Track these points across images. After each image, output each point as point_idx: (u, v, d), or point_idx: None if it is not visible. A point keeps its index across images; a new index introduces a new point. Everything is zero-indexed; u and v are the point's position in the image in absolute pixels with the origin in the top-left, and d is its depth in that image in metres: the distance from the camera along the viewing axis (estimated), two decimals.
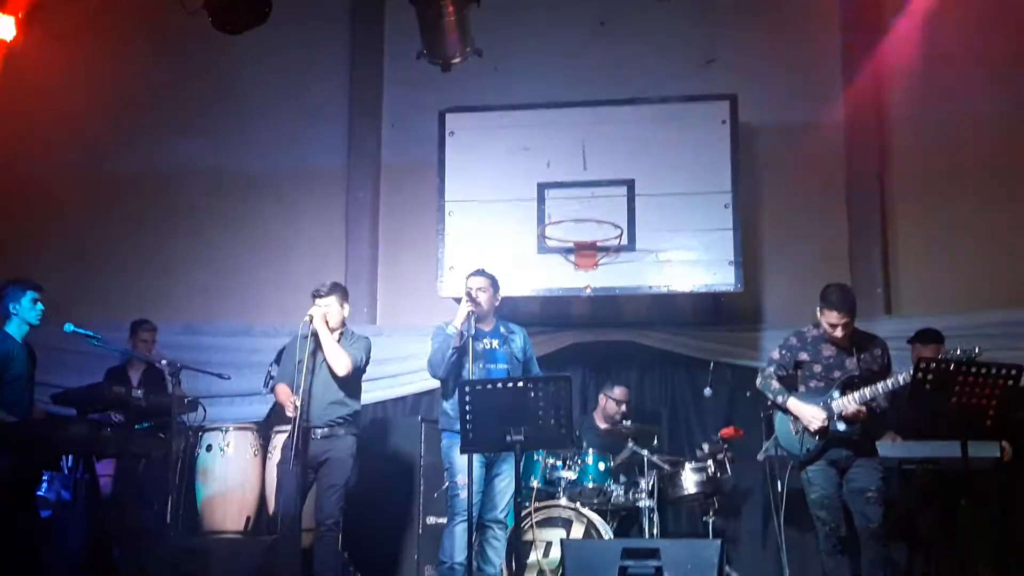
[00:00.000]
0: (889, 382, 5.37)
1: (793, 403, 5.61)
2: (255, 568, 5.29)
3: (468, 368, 5.59)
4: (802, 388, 5.68)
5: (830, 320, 5.52)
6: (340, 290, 6.20)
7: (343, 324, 6.19)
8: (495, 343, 5.82)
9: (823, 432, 5.48)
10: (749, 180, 7.38)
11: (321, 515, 5.89)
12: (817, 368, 5.64)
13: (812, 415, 5.50)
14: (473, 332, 5.63)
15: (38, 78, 8.42)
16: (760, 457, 6.31)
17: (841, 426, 5.46)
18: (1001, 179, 7.54)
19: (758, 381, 5.81)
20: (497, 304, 5.96)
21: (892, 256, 7.66)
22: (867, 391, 5.40)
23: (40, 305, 6.10)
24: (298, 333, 6.02)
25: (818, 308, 5.59)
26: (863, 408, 5.40)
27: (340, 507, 5.90)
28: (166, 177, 8.50)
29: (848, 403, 5.44)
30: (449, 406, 5.79)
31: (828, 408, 5.49)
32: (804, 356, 5.69)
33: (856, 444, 5.51)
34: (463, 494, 5.55)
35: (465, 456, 5.51)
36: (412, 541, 6.85)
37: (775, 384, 5.71)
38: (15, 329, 6.09)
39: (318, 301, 6.05)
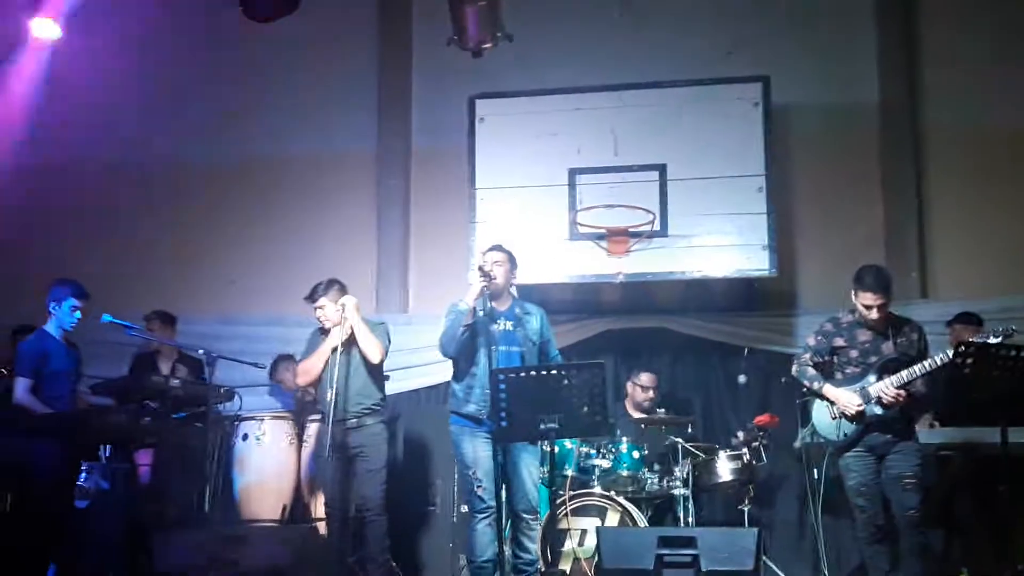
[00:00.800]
0: (927, 363, 5.31)
1: (829, 389, 5.56)
2: (293, 556, 5.30)
3: (481, 350, 5.50)
4: (838, 375, 5.63)
5: (865, 302, 5.46)
6: (337, 286, 6.18)
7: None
8: (509, 324, 5.69)
9: (859, 417, 5.43)
10: (782, 163, 7.32)
11: (366, 502, 5.98)
12: (853, 353, 5.59)
13: (848, 400, 5.46)
14: (487, 309, 5.51)
15: (70, 71, 8.48)
16: (797, 444, 6.28)
17: (878, 410, 5.41)
18: None
19: (793, 368, 5.77)
20: (514, 281, 5.84)
21: (928, 239, 7.58)
22: (904, 374, 5.35)
23: (79, 314, 6.19)
24: (318, 325, 6.07)
25: (852, 291, 5.54)
26: (901, 392, 5.34)
27: (383, 491, 5.99)
28: (197, 167, 8.53)
29: (885, 387, 5.38)
30: (459, 387, 5.70)
31: (865, 393, 5.44)
32: (840, 341, 5.63)
33: (895, 429, 5.45)
34: (479, 489, 5.50)
35: (474, 446, 5.54)
36: (447, 531, 6.87)
37: (810, 371, 5.66)
38: (53, 328, 6.18)
39: (325, 299, 6.04)
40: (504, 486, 5.57)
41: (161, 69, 8.57)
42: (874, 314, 5.46)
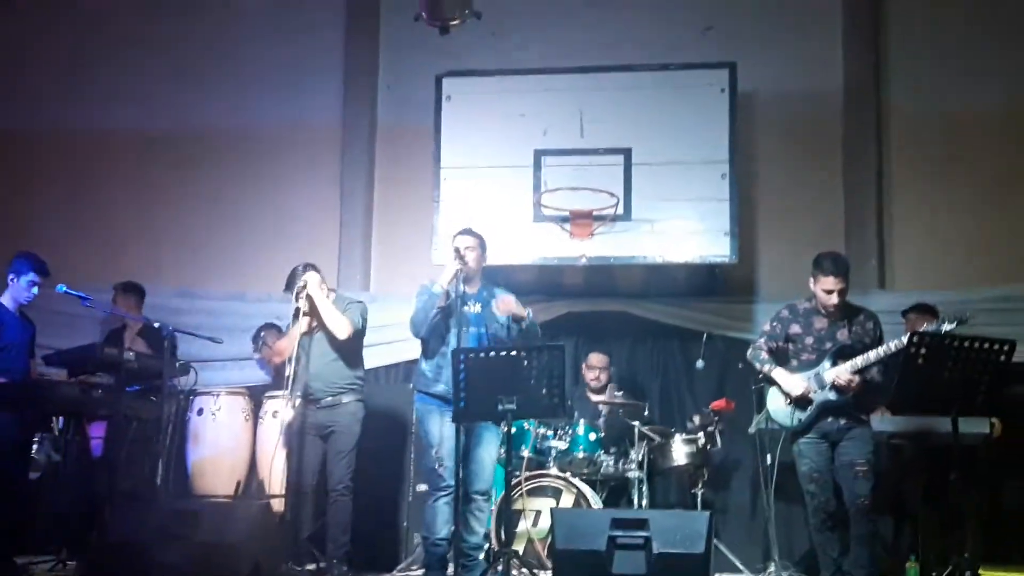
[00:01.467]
0: (881, 350, 5.36)
1: (778, 372, 5.61)
2: (246, 531, 5.27)
3: (452, 331, 5.51)
4: (794, 361, 5.67)
5: (824, 286, 5.49)
6: (313, 267, 6.20)
7: (332, 292, 6.22)
8: (478, 307, 5.72)
9: (805, 401, 5.47)
10: (746, 150, 7.35)
11: (333, 481, 6.05)
12: (809, 340, 5.63)
13: (794, 383, 5.51)
14: (460, 292, 5.52)
15: (28, 32, 8.36)
16: (752, 430, 6.32)
17: (832, 396, 5.45)
18: (1000, 154, 7.51)
19: (748, 353, 5.82)
20: (484, 265, 5.85)
21: (888, 229, 7.62)
22: (859, 360, 5.40)
23: (36, 290, 6.14)
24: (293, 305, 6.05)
25: (811, 277, 5.57)
26: (854, 377, 5.39)
27: (351, 471, 6.06)
28: (160, 136, 8.41)
29: (840, 372, 5.42)
30: (428, 367, 5.72)
31: (819, 379, 5.48)
32: (796, 328, 5.67)
33: (849, 415, 5.50)
34: (440, 468, 5.53)
35: (440, 426, 5.54)
36: (403, 509, 6.87)
37: (764, 355, 5.70)
38: (8, 299, 6.12)
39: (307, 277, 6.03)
40: (462, 466, 5.58)
41: (125, 37, 8.46)
42: (833, 299, 5.49)
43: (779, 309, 5.81)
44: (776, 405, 5.67)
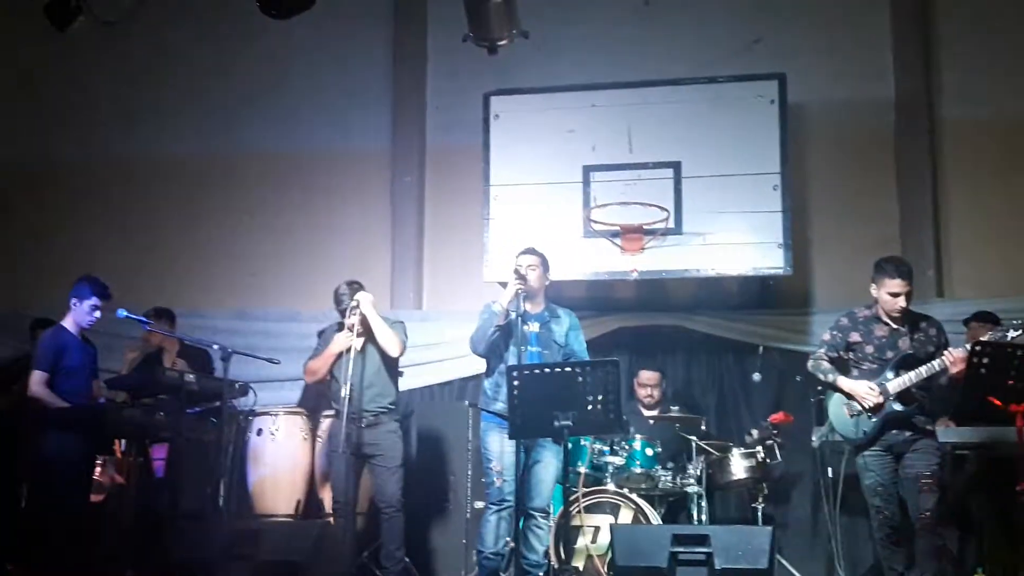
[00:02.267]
0: (945, 358, 5.25)
1: (844, 381, 5.53)
2: (307, 550, 5.32)
3: (511, 349, 5.56)
4: (855, 371, 5.59)
5: (890, 289, 5.42)
6: (355, 286, 6.23)
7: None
8: (537, 326, 5.77)
9: (878, 408, 5.39)
10: (798, 161, 7.30)
11: (384, 498, 6.11)
12: (869, 349, 5.55)
13: (865, 391, 5.42)
14: (521, 311, 5.56)
15: (87, 64, 8.54)
16: (815, 443, 6.25)
17: (898, 407, 5.37)
18: None
19: (809, 364, 5.74)
20: (547, 284, 5.89)
21: (944, 238, 7.54)
22: (923, 370, 5.31)
23: (98, 314, 6.23)
24: (336, 320, 6.09)
25: (873, 285, 5.51)
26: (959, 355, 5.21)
27: (400, 488, 6.11)
28: (213, 161, 8.55)
29: (904, 383, 5.35)
30: (488, 385, 5.79)
31: (883, 389, 5.40)
32: (856, 337, 5.60)
33: (914, 426, 5.41)
34: (497, 481, 5.61)
35: (499, 442, 5.59)
36: (460, 526, 6.87)
37: (825, 364, 5.62)
38: (71, 323, 6.22)
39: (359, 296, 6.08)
40: (522, 483, 5.59)
41: (178, 63, 8.63)
42: (900, 302, 5.41)
43: (838, 317, 5.74)
44: (839, 416, 5.59)
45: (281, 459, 6.74)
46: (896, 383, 5.37)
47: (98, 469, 6.42)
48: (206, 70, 8.61)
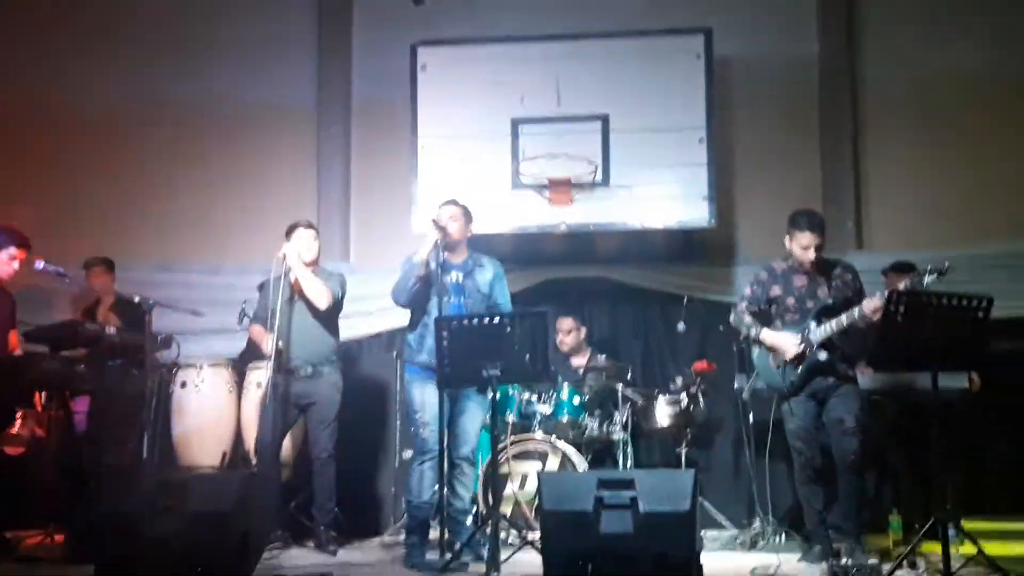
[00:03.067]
0: (864, 306, 5.35)
1: (767, 333, 5.65)
2: (234, 500, 5.28)
3: (433, 300, 5.57)
4: (777, 323, 5.70)
5: (801, 243, 5.53)
6: (306, 227, 6.24)
7: (316, 262, 6.21)
8: (460, 276, 5.77)
9: (800, 358, 5.52)
10: (723, 115, 7.36)
11: (316, 449, 6.14)
12: (790, 301, 5.67)
13: (787, 342, 5.54)
14: (441, 261, 5.57)
15: (5, 8, 8.26)
16: (744, 393, 6.36)
17: (823, 355, 5.48)
18: (976, 113, 7.57)
19: (731, 317, 5.85)
20: (468, 235, 5.88)
21: (864, 191, 7.70)
22: (843, 318, 5.42)
23: (16, 264, 6.08)
24: (271, 273, 6.02)
25: (787, 236, 5.62)
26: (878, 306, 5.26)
27: (334, 440, 6.13)
28: (135, 111, 8.32)
29: (826, 331, 5.46)
30: (412, 338, 5.78)
31: (806, 339, 5.52)
32: (776, 290, 5.71)
33: (837, 372, 5.54)
34: (424, 432, 5.63)
35: (425, 393, 5.61)
36: (389, 476, 6.92)
37: (748, 318, 5.74)
38: None
39: (298, 232, 6.02)
40: (448, 433, 5.62)
41: (98, 12, 8.37)
42: (811, 254, 5.53)
43: (757, 271, 5.85)
44: (765, 367, 5.70)
45: (206, 411, 6.68)
46: (819, 332, 5.49)
47: (17, 422, 6.28)
48: (128, 18, 8.37)
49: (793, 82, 7.83)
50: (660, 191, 6.92)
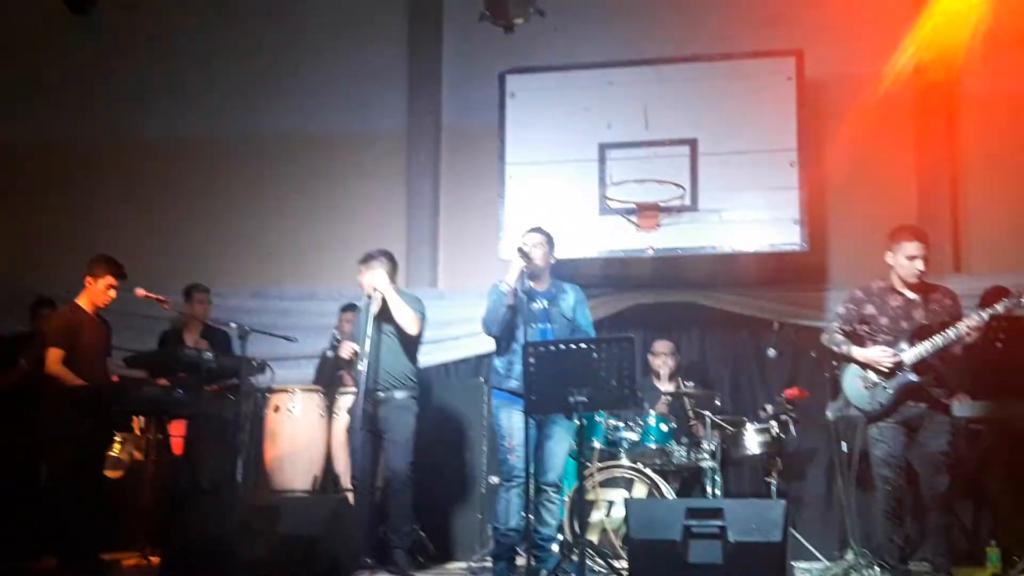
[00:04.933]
0: (960, 327, 5.19)
1: (858, 350, 5.47)
2: (324, 525, 5.36)
3: (521, 327, 5.56)
4: (869, 344, 5.53)
5: (908, 252, 5.38)
6: (384, 255, 6.24)
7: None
8: (545, 303, 5.76)
9: (893, 374, 5.34)
10: (814, 137, 7.23)
11: (391, 473, 6.11)
12: (884, 320, 5.49)
13: (880, 355, 5.36)
14: (527, 289, 5.58)
15: (107, 47, 8.59)
16: (830, 416, 6.22)
17: (913, 376, 5.33)
18: None
19: (823, 337, 5.70)
20: (552, 263, 5.88)
21: (962, 213, 7.50)
22: (939, 339, 5.25)
23: (113, 293, 6.24)
24: (364, 300, 6.11)
25: (888, 252, 5.48)
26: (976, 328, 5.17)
27: (407, 464, 6.08)
28: (230, 142, 8.61)
29: (920, 352, 5.30)
30: (500, 364, 5.79)
31: (899, 358, 5.36)
32: (870, 309, 5.55)
33: (929, 397, 5.36)
34: (511, 457, 5.61)
35: (513, 418, 5.61)
36: (476, 502, 6.93)
37: (839, 336, 5.56)
38: (86, 301, 6.24)
39: (364, 267, 6.12)
40: (534, 459, 5.61)
41: (196, 45, 8.67)
42: (918, 264, 5.36)
43: (852, 291, 5.70)
44: (854, 389, 5.54)
45: (298, 435, 6.78)
46: (912, 353, 5.33)
47: (117, 446, 6.48)
48: (223, 52, 8.66)
49: (888, 102, 7.64)
50: (750, 215, 6.83)
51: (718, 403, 6.79)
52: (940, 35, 7.59)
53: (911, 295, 5.48)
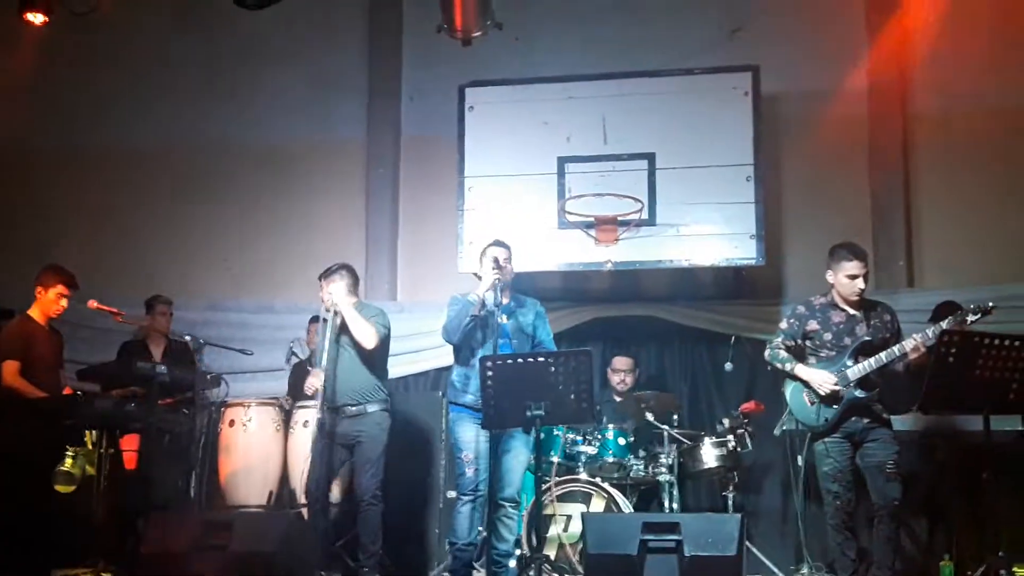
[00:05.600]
0: (906, 344, 5.30)
1: (801, 369, 5.56)
2: (279, 541, 5.32)
3: (479, 341, 5.58)
4: (812, 359, 5.63)
5: (848, 272, 5.46)
6: (345, 269, 6.20)
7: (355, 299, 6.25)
8: (504, 317, 5.75)
9: (835, 398, 5.42)
10: (771, 152, 7.31)
11: (360, 491, 6.05)
12: (827, 336, 5.58)
13: (822, 379, 5.45)
14: (498, 302, 5.57)
15: (59, 54, 8.48)
16: (777, 432, 6.28)
17: (859, 394, 5.40)
18: None
19: (766, 353, 5.78)
20: (511, 276, 5.88)
21: (915, 228, 7.58)
22: (883, 355, 5.34)
23: (64, 303, 6.18)
24: (321, 313, 6.06)
25: (829, 271, 5.56)
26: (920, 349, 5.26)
27: (378, 481, 6.05)
28: (187, 152, 8.53)
29: (863, 368, 5.37)
30: (457, 377, 5.77)
31: (843, 376, 5.43)
32: (813, 324, 5.62)
33: (872, 414, 5.45)
34: (469, 471, 5.60)
35: (470, 432, 5.60)
36: (434, 516, 6.90)
37: (783, 353, 5.65)
38: (37, 312, 6.17)
39: (324, 282, 6.08)
40: (492, 473, 5.59)
41: (152, 53, 8.59)
42: (859, 284, 5.45)
43: (795, 306, 5.80)
44: (799, 404, 5.62)
45: (253, 450, 6.74)
46: (856, 369, 5.41)
47: (69, 461, 6.37)
48: (179, 60, 8.58)
49: (842, 118, 7.73)
50: (707, 229, 6.88)
51: (675, 417, 6.81)
52: (894, 52, 7.72)
53: (852, 311, 5.56)
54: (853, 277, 5.46)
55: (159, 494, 6.44)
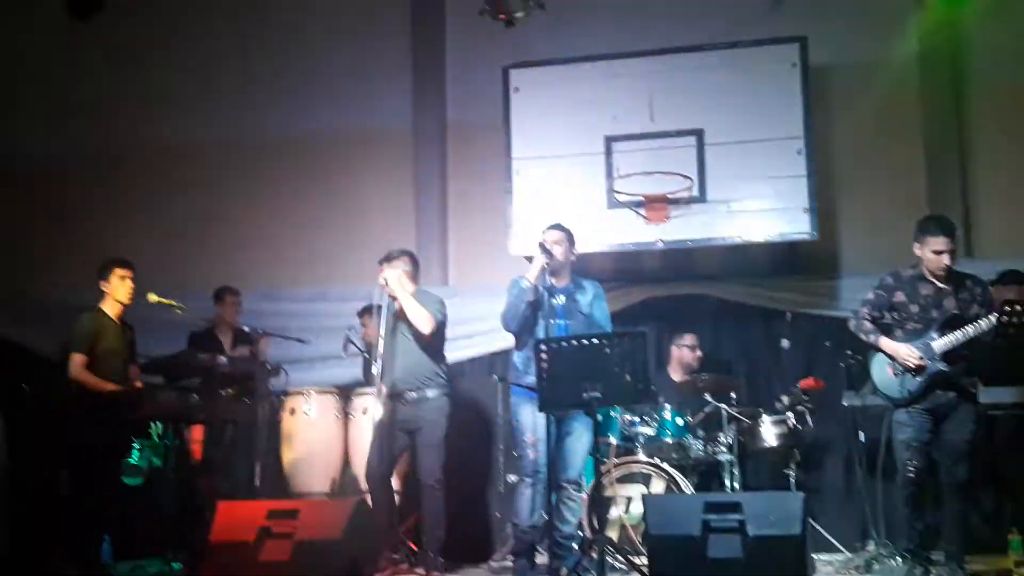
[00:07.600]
0: (993, 318, 5.17)
1: (886, 342, 5.47)
2: (344, 527, 5.37)
3: (540, 323, 5.56)
4: (898, 331, 5.53)
5: (934, 247, 5.36)
6: (406, 255, 6.23)
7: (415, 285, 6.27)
8: (563, 299, 5.76)
9: (920, 370, 5.35)
10: (822, 124, 7.20)
11: (424, 475, 6.10)
12: (914, 308, 5.48)
13: (907, 352, 5.37)
14: (548, 285, 5.58)
15: (108, 51, 8.59)
16: (857, 402, 6.19)
17: (943, 367, 5.32)
18: None
19: (851, 323, 5.67)
20: (573, 259, 5.89)
21: (972, 197, 7.46)
22: (970, 329, 5.25)
23: (128, 282, 6.25)
24: (374, 300, 6.09)
25: (916, 244, 5.46)
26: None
27: (441, 465, 6.08)
28: (237, 146, 8.59)
29: (950, 342, 5.29)
30: (519, 359, 5.80)
31: (928, 349, 5.34)
32: (900, 296, 5.52)
33: (958, 387, 5.37)
34: (531, 454, 5.61)
35: (531, 414, 5.60)
36: (494, 499, 6.94)
37: (868, 324, 5.55)
38: (108, 306, 6.27)
39: (396, 262, 6.11)
40: (554, 456, 5.61)
41: (196, 49, 8.66)
42: (945, 259, 5.35)
43: (882, 276, 5.65)
44: (882, 376, 5.52)
45: (315, 437, 6.81)
46: (942, 343, 5.33)
47: (136, 453, 6.49)
48: (224, 54, 8.65)
49: (894, 87, 7.60)
50: (759, 204, 6.81)
51: (734, 396, 6.76)
52: (944, 16, 7.57)
53: (941, 284, 5.46)
54: (939, 252, 5.37)
55: (224, 484, 6.54)
